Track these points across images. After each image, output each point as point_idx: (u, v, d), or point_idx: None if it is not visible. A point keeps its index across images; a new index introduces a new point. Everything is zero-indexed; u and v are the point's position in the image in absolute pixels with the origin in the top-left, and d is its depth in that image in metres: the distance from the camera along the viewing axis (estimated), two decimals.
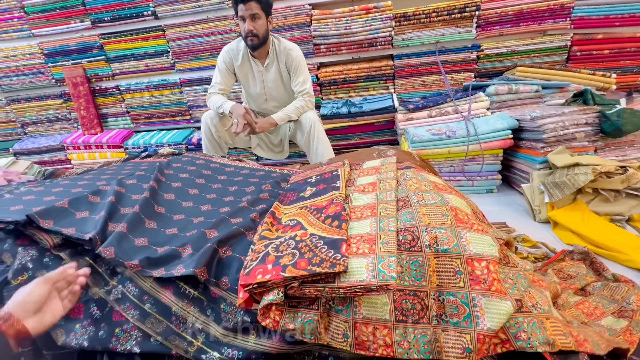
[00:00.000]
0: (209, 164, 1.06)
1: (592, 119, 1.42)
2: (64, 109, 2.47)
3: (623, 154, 1.44)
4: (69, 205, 0.70)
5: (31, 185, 0.88)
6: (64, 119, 2.51)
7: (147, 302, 0.53)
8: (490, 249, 0.50)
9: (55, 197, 0.75)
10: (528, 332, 0.44)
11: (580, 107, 1.48)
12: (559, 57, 1.91)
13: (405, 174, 0.74)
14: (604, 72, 1.75)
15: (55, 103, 2.47)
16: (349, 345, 0.44)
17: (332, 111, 1.95)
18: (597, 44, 1.85)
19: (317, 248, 0.51)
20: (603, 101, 1.52)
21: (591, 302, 0.91)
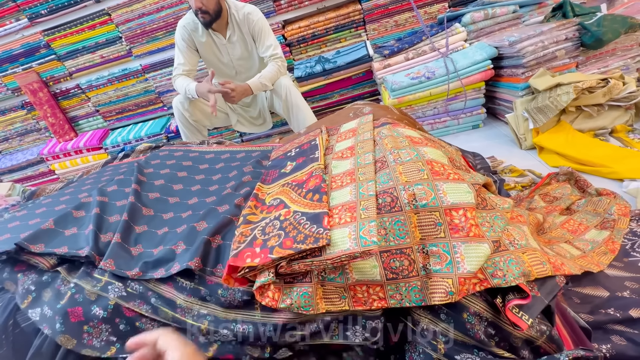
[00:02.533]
0: (187, 154, 1.04)
1: (572, 33, 1.36)
2: (31, 119, 2.36)
3: (605, 65, 1.41)
4: (55, 225, 0.70)
5: (14, 210, 0.87)
6: (33, 129, 2.41)
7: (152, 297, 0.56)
8: (466, 197, 0.51)
9: (40, 219, 0.75)
10: (504, 270, 0.47)
11: (559, 22, 1.41)
12: None
13: (381, 132, 0.73)
14: None
15: (19, 115, 2.35)
16: (347, 304, 0.47)
17: (306, 71, 1.87)
18: None
19: (301, 225, 0.53)
20: (583, 10, 1.45)
21: (576, 220, 0.95)
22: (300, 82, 1.89)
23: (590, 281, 0.78)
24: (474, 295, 0.49)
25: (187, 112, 1.64)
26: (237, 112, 1.83)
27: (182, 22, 1.57)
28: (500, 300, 0.49)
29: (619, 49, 1.39)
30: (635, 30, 1.35)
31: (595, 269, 0.78)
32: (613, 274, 0.79)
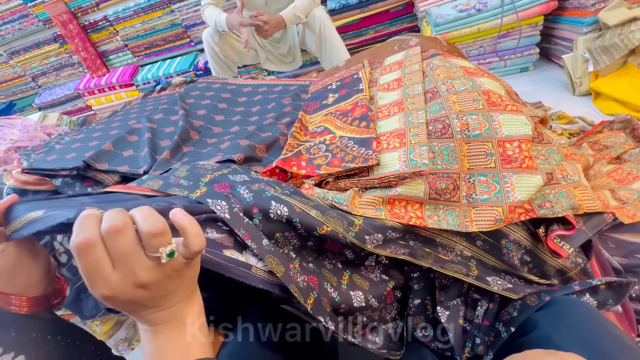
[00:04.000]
0: (225, 86, 1.04)
1: None
2: (64, 53, 2.39)
3: None
4: (113, 147, 0.75)
5: (72, 135, 0.93)
6: (68, 64, 2.45)
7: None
8: (523, 129, 0.49)
9: (98, 142, 0.81)
10: (552, 202, 0.47)
11: None
12: None
13: (431, 62, 0.69)
14: None
15: (53, 48, 2.38)
16: (384, 215, 0.47)
17: (341, 3, 1.72)
18: None
19: (348, 148, 0.54)
20: None
21: (625, 169, 0.91)
22: (334, 16, 1.75)
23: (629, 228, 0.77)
24: (516, 224, 0.51)
25: (217, 46, 1.59)
26: (266, 48, 1.76)
27: None
28: (542, 231, 0.50)
29: None
30: None
31: (627, 221, 0.76)
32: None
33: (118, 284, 0.27)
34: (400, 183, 0.48)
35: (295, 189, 0.50)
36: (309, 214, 0.43)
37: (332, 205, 0.48)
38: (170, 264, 0.28)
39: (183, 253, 0.29)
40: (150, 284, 0.28)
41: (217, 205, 0.43)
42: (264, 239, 0.42)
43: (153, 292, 0.29)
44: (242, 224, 0.42)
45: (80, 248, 0.26)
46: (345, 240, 0.44)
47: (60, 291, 0.43)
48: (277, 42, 1.76)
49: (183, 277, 0.30)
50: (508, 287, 0.49)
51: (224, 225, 0.43)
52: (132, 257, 0.27)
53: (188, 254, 0.29)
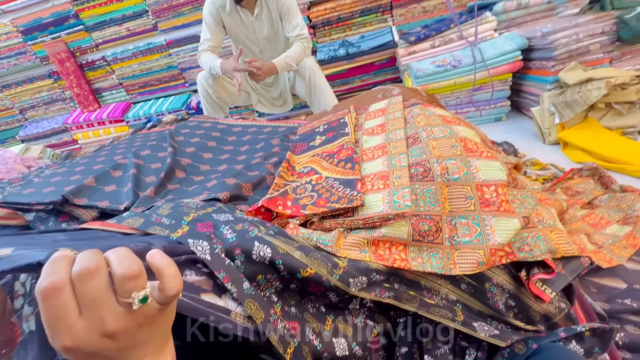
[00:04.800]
0: (216, 125, 1.07)
1: (609, 26, 1.32)
2: (57, 88, 2.42)
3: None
4: (95, 182, 0.74)
5: (54, 168, 0.92)
6: (59, 99, 2.48)
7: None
8: (499, 174, 0.52)
9: (80, 176, 0.79)
10: (531, 245, 0.49)
11: (596, 14, 1.37)
12: None
13: (412, 111, 0.74)
14: None
15: (46, 84, 2.41)
16: (369, 257, 0.47)
17: (330, 55, 1.86)
18: None
19: (334, 188, 0.55)
20: (622, 4, 1.39)
21: (597, 214, 0.95)
22: (323, 65, 1.88)
23: (609, 273, 0.79)
24: (498, 268, 0.51)
25: (210, 88, 1.66)
26: (258, 92, 1.85)
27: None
28: (524, 274, 0.50)
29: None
30: None
31: (604, 265, 0.78)
32: (632, 267, 0.79)
33: (82, 333, 0.24)
34: (384, 224, 0.49)
35: (280, 229, 0.50)
36: (292, 256, 0.43)
37: (317, 246, 0.47)
38: (142, 311, 0.26)
39: (157, 298, 0.27)
40: (119, 332, 0.25)
41: (199, 245, 0.42)
42: (244, 282, 0.41)
43: (121, 343, 0.26)
44: (222, 265, 0.41)
45: (45, 292, 0.24)
46: (329, 283, 0.43)
47: (12, 339, 0.39)
48: (269, 86, 1.85)
49: (155, 325, 0.28)
50: (495, 333, 0.48)
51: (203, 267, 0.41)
52: (102, 302, 0.25)
53: (163, 299, 0.27)
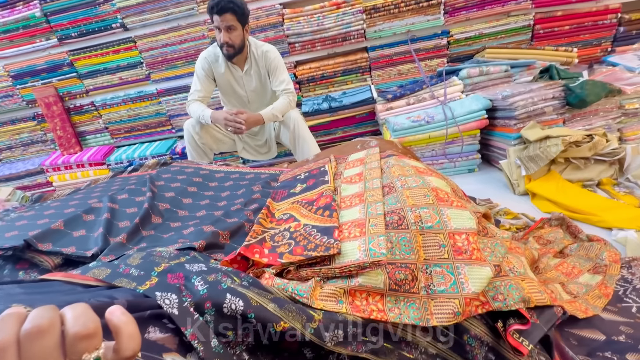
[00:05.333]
0: (198, 171, 1.07)
1: (558, 92, 1.50)
2: (39, 130, 2.41)
3: (589, 123, 1.54)
4: (64, 226, 0.71)
5: (21, 211, 0.87)
6: (39, 141, 2.45)
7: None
8: (469, 223, 0.55)
9: (48, 220, 0.76)
10: (504, 294, 0.49)
11: (546, 82, 1.57)
12: (523, 36, 2.00)
13: (388, 162, 0.78)
14: (566, 47, 1.85)
15: (28, 126, 2.40)
16: (345, 309, 0.46)
17: (314, 107, 1.98)
18: (557, 21, 1.95)
19: (311, 236, 0.55)
20: (567, 75, 1.61)
21: (569, 263, 0.98)
22: (307, 117, 1.99)
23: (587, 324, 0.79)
24: (475, 319, 0.51)
25: (197, 135, 1.71)
26: (243, 139, 1.91)
27: (204, 53, 1.70)
28: (501, 325, 0.50)
29: (600, 110, 1.53)
30: (614, 95, 1.50)
31: (580, 315, 0.78)
32: (608, 318, 0.80)
33: None
34: (361, 273, 0.49)
35: (255, 279, 0.48)
36: (265, 308, 0.41)
37: (292, 297, 0.46)
38: None
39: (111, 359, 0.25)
40: None
41: (166, 299, 0.40)
42: (213, 339, 0.38)
43: None
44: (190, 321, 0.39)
45: None
46: (303, 338, 0.41)
47: None
48: (255, 135, 1.92)
49: None
50: None
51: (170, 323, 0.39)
52: None
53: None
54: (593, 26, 1.94)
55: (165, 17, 2.04)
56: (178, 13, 2.03)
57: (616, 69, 1.75)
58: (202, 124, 1.71)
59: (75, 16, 2.07)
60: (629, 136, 1.53)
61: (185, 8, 2.01)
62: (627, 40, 1.95)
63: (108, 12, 2.04)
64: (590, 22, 1.92)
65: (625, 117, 1.53)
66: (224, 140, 1.85)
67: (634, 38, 1.94)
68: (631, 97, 1.52)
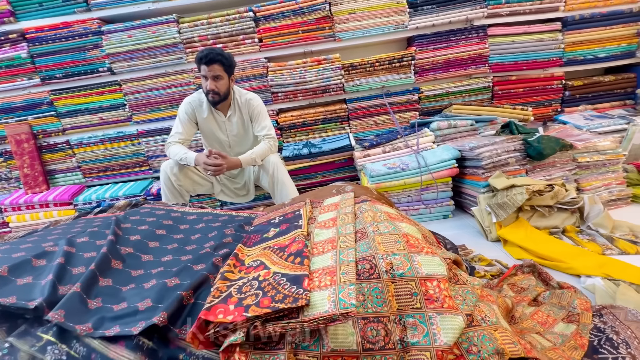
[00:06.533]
0: (169, 213, 1.04)
1: (518, 145, 1.63)
2: (4, 167, 2.29)
3: (549, 174, 1.66)
4: (8, 272, 0.65)
5: None
6: (2, 178, 2.31)
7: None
8: (439, 269, 0.55)
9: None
10: (478, 345, 0.48)
11: (507, 136, 1.71)
12: (485, 95, 2.22)
13: (361, 207, 0.79)
14: (522, 107, 2.06)
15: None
16: None
17: (294, 152, 2.04)
18: (513, 84, 2.20)
19: (280, 285, 0.53)
20: (525, 130, 1.78)
21: (543, 312, 0.98)
22: (287, 162, 2.03)
23: None
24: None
25: (174, 176, 1.68)
26: (222, 182, 1.90)
27: (188, 98, 1.76)
28: None
29: (557, 162, 1.67)
30: (567, 149, 1.65)
31: None
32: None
33: None
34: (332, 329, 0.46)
35: None
36: None
37: None
38: None
39: None
40: None
41: None
42: None
43: None
44: None
45: None
46: None
47: None
48: (234, 177, 1.92)
49: None
50: None
51: None
52: None
53: None
54: (543, 89, 2.19)
55: (153, 64, 2.12)
56: (166, 61, 2.12)
57: (567, 127, 1.95)
58: (181, 166, 1.70)
59: (63, 59, 2.11)
60: (585, 187, 1.66)
61: (173, 57, 2.11)
62: (573, 103, 2.21)
63: (97, 57, 2.11)
64: (540, 86, 2.18)
65: (579, 169, 1.67)
66: (202, 182, 1.83)
67: (578, 101, 2.21)
68: (582, 151, 1.67)
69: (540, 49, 2.13)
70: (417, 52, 2.13)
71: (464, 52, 2.13)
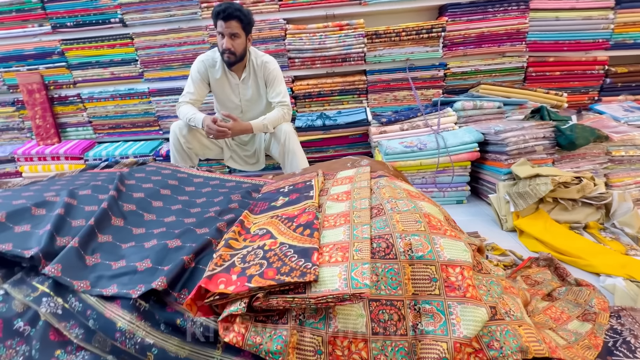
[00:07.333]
0: (176, 174, 1.00)
1: (548, 132, 1.52)
2: (17, 117, 2.28)
3: (577, 166, 1.55)
4: (6, 218, 0.62)
5: None
6: (15, 128, 2.31)
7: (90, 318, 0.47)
8: (463, 255, 0.49)
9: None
10: (501, 341, 0.43)
11: (537, 122, 1.59)
12: (516, 77, 2.06)
13: (378, 182, 0.73)
14: (557, 91, 1.91)
15: (6, 111, 2.27)
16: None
17: (307, 124, 1.95)
18: (549, 66, 2.02)
19: (287, 257, 0.48)
20: (557, 117, 1.65)
21: (558, 307, 0.93)
22: (300, 133, 1.96)
23: None
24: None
25: (183, 138, 1.64)
26: (232, 148, 1.85)
27: (201, 57, 1.67)
28: None
29: (588, 154, 1.55)
30: (601, 141, 1.53)
31: None
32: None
33: None
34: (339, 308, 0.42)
35: None
36: None
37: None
38: None
39: None
40: None
41: None
42: None
43: None
44: None
45: None
46: None
47: None
48: (244, 144, 1.86)
49: None
50: None
51: None
52: None
53: None
54: (582, 75, 2.02)
55: (167, 17, 2.01)
56: (180, 15, 2.01)
57: (603, 117, 1.80)
58: (190, 128, 1.64)
59: (74, 6, 2.02)
60: (615, 182, 1.55)
61: (188, 12, 2.00)
62: (612, 91, 2.03)
63: (108, 6, 2.01)
64: (580, 70, 2.00)
65: (611, 163, 1.56)
66: (211, 147, 1.78)
67: (619, 90, 2.03)
68: (617, 144, 1.55)
69: (585, 29, 1.93)
70: (448, 23, 1.96)
71: (500, 26, 1.94)
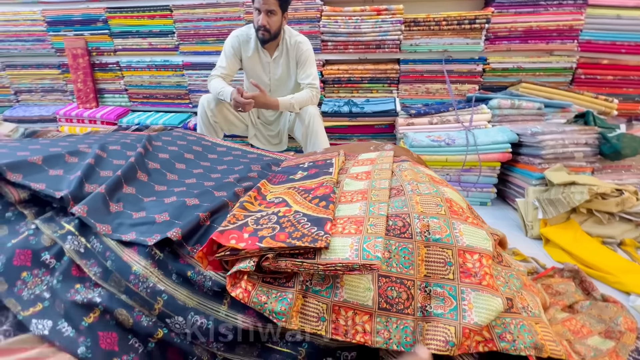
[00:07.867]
0: (200, 141, 1.02)
1: (592, 139, 1.41)
2: (61, 80, 2.42)
3: (619, 178, 1.43)
4: (42, 162, 0.66)
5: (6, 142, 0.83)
6: (59, 90, 2.45)
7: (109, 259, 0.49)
8: (484, 243, 0.47)
9: (29, 153, 0.71)
10: (514, 334, 0.41)
11: (581, 127, 1.48)
12: (563, 78, 1.92)
13: (401, 165, 0.71)
14: (607, 97, 1.76)
15: (52, 73, 2.41)
16: (324, 329, 0.40)
17: (334, 109, 1.93)
18: (602, 69, 1.86)
19: (300, 224, 0.48)
20: (604, 124, 1.52)
21: (578, 320, 0.88)
22: (325, 117, 1.94)
23: None
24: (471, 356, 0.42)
25: (210, 111, 1.67)
26: (257, 127, 1.86)
27: (236, 32, 1.68)
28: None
29: (634, 167, 1.43)
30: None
31: None
32: None
33: None
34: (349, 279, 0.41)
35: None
36: None
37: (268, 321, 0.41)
38: None
39: None
40: None
41: None
42: None
43: None
44: None
45: None
46: None
47: None
48: (269, 124, 1.87)
49: None
50: None
51: None
52: None
53: None
54: (637, 81, 1.84)
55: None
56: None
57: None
58: (218, 102, 1.67)
59: None
60: None
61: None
62: None
63: None
64: (636, 76, 1.83)
65: None
66: (237, 124, 1.81)
67: None
68: None
69: None
70: (494, 15, 1.84)
71: (551, 21, 1.80)
